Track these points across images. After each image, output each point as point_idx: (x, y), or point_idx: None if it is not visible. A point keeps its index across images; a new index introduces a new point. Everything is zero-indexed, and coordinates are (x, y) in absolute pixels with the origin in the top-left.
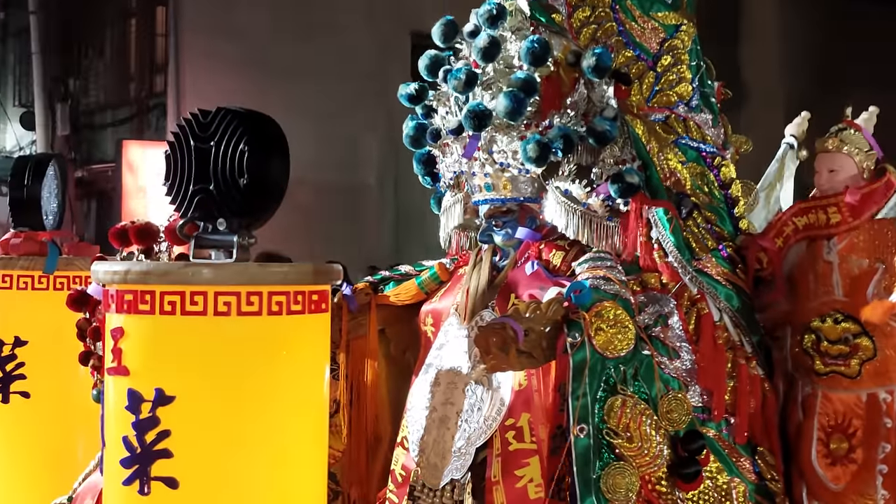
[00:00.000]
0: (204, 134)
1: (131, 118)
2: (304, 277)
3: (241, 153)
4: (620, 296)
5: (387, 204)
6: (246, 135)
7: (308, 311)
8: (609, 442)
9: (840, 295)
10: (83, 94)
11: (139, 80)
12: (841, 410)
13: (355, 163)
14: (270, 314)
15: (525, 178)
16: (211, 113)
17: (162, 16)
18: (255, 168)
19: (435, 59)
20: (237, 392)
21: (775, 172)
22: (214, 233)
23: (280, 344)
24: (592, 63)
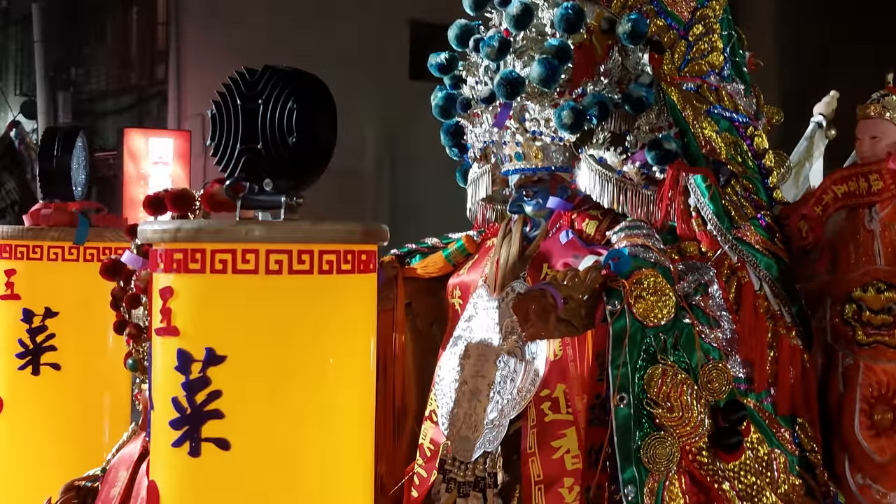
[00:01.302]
0: (250, 93)
1: (132, 106)
2: (354, 237)
3: (289, 112)
4: (660, 263)
5: (383, 190)
6: (294, 94)
7: (357, 270)
8: (649, 412)
9: (882, 264)
10: (85, 83)
11: (140, 68)
12: (885, 381)
13: (353, 149)
14: (321, 273)
15: (557, 146)
16: (258, 72)
17: (163, 4)
18: (303, 127)
19: (465, 28)
20: (288, 351)
21: (804, 150)
22: (261, 193)
23: (330, 303)
24: (628, 29)
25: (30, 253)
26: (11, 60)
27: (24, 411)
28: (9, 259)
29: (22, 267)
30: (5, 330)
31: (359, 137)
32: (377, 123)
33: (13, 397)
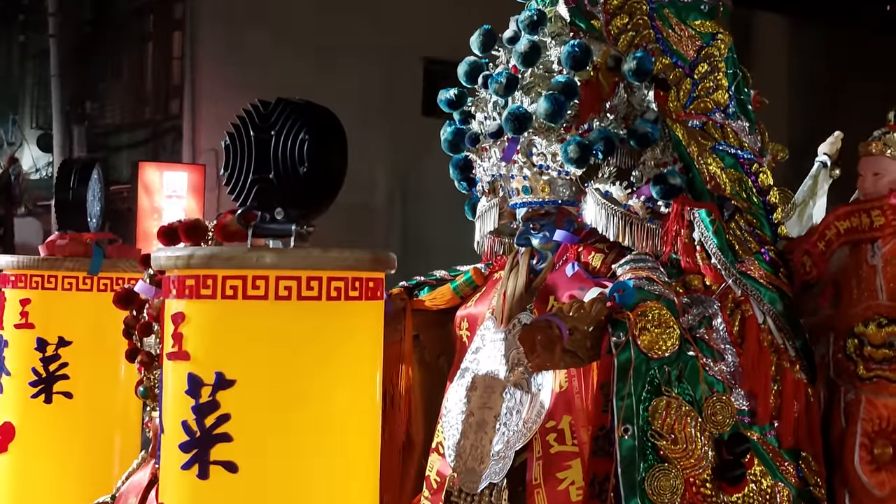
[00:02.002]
0: (264, 124)
1: (147, 140)
2: (362, 264)
3: (301, 143)
4: (664, 296)
5: (394, 224)
6: (306, 125)
7: (365, 297)
8: (654, 443)
9: (884, 299)
10: (100, 116)
11: (155, 102)
12: (885, 416)
13: (365, 184)
14: (329, 299)
15: (563, 180)
16: (271, 104)
17: (178, 39)
18: (314, 157)
19: (474, 65)
20: (295, 376)
21: (809, 189)
22: (272, 222)
23: (337, 329)
24: (633, 66)
25: (44, 283)
26: (28, 94)
27: (36, 439)
28: (24, 288)
29: (37, 296)
30: (19, 358)
31: (370, 172)
32: (389, 158)
33: (25, 425)
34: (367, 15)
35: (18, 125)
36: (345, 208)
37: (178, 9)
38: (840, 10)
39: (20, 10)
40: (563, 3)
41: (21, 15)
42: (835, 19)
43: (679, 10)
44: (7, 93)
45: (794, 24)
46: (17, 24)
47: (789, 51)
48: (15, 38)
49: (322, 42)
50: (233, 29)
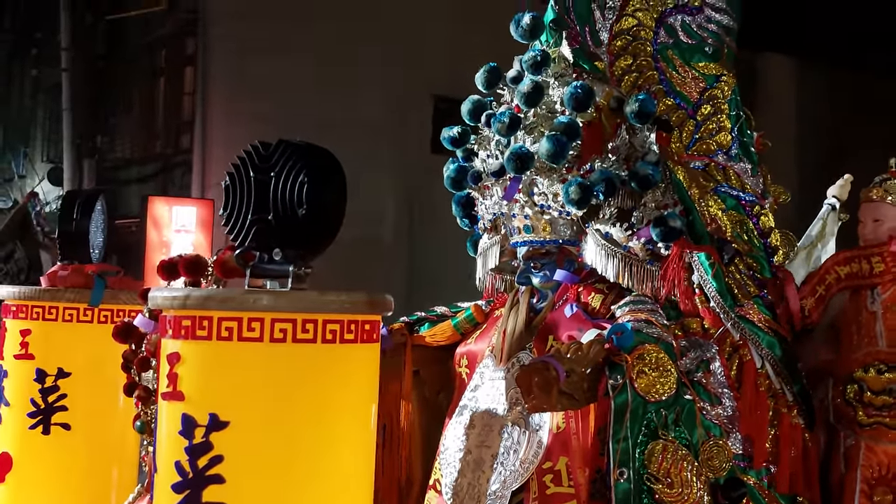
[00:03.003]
0: (263, 165)
1: (157, 174)
2: (358, 307)
3: (300, 184)
4: (663, 339)
5: (401, 259)
6: (305, 167)
7: (360, 340)
8: (649, 487)
9: (884, 346)
10: (110, 150)
11: (165, 136)
12: (885, 462)
13: (372, 219)
14: (324, 342)
15: (564, 220)
16: (272, 145)
17: (190, 74)
18: (313, 199)
19: (477, 104)
20: (289, 419)
21: (817, 232)
22: (270, 262)
23: (332, 372)
24: (636, 108)
25: (45, 314)
26: (40, 128)
27: (34, 470)
28: (25, 319)
29: (37, 327)
30: (18, 389)
31: (379, 206)
32: (398, 193)
33: (23, 456)
34: (379, 51)
35: (30, 158)
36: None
37: (189, 44)
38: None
39: (33, 44)
40: (566, 43)
41: (34, 49)
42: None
43: (683, 52)
44: (19, 126)
45: (800, 66)
46: (30, 58)
47: (795, 93)
48: (28, 72)
49: (334, 78)
50: (244, 64)
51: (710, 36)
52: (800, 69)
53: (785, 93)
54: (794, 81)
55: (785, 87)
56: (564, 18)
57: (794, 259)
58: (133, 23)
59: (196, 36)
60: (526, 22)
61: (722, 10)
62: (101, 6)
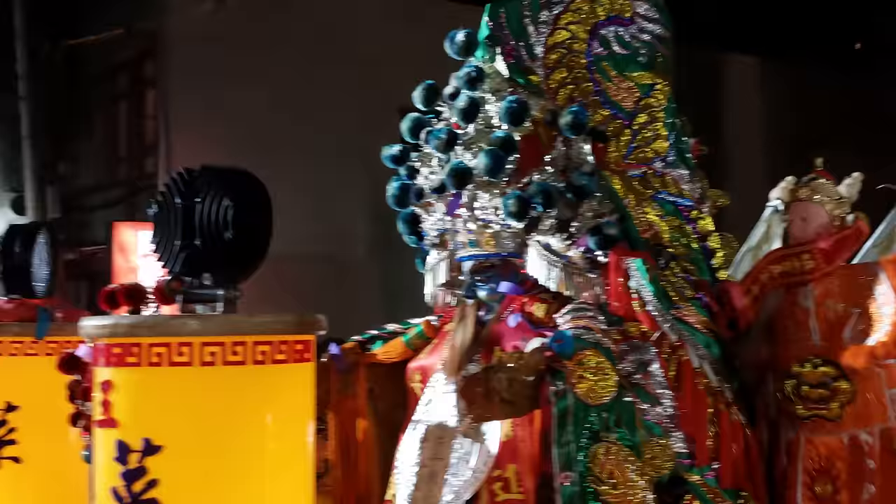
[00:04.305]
0: (189, 191)
1: (122, 200)
2: (288, 327)
3: (225, 208)
4: (602, 344)
5: (376, 277)
6: (230, 191)
7: (292, 360)
8: (594, 489)
9: (818, 340)
10: (74, 177)
11: (129, 161)
12: (824, 454)
13: (345, 236)
14: (255, 364)
15: (507, 233)
16: (196, 171)
17: (152, 98)
18: (239, 222)
19: (417, 122)
20: (223, 441)
21: (762, 234)
22: (201, 288)
23: (265, 393)
24: (569, 120)
25: None
26: (0, 157)
27: None
28: None
29: None
30: None
31: (350, 225)
32: (368, 209)
33: None
34: (344, 72)
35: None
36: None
37: (149, 68)
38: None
39: None
40: (501, 59)
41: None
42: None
43: (617, 63)
44: None
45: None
46: None
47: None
48: None
49: (296, 96)
50: (206, 85)
51: (644, 46)
52: (763, 69)
53: (749, 92)
54: (758, 81)
55: (749, 86)
56: (498, 34)
57: (740, 262)
58: (91, 48)
59: (156, 59)
60: (460, 39)
61: (654, 20)
62: (57, 33)
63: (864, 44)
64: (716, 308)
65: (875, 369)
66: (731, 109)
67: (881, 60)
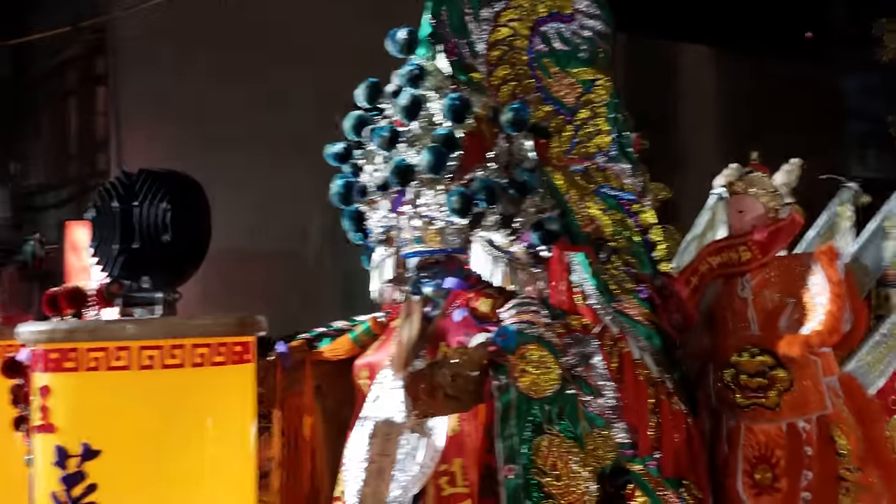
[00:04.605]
0: (127, 195)
1: (73, 198)
2: (227, 329)
3: (163, 212)
4: (544, 338)
5: (331, 274)
6: (167, 194)
7: (231, 362)
8: (538, 481)
9: (755, 330)
10: (24, 177)
11: (80, 159)
12: (763, 441)
13: (299, 234)
14: (194, 366)
15: (452, 229)
16: (133, 175)
17: (102, 95)
18: (177, 225)
19: (360, 119)
20: (163, 444)
21: (707, 222)
22: (140, 291)
23: (204, 395)
24: (510, 118)
25: None
26: None
27: None
28: None
29: None
30: None
31: (304, 222)
32: (323, 207)
33: None
34: (297, 63)
35: None
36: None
37: (99, 64)
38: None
39: None
40: (443, 56)
41: None
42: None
43: (558, 59)
44: None
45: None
46: None
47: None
48: None
49: (249, 92)
50: (158, 82)
51: (584, 42)
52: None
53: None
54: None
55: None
56: (440, 32)
57: (686, 250)
58: (39, 45)
59: (105, 56)
60: (401, 37)
61: (595, 17)
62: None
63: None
64: (658, 300)
65: (811, 358)
66: (687, 99)
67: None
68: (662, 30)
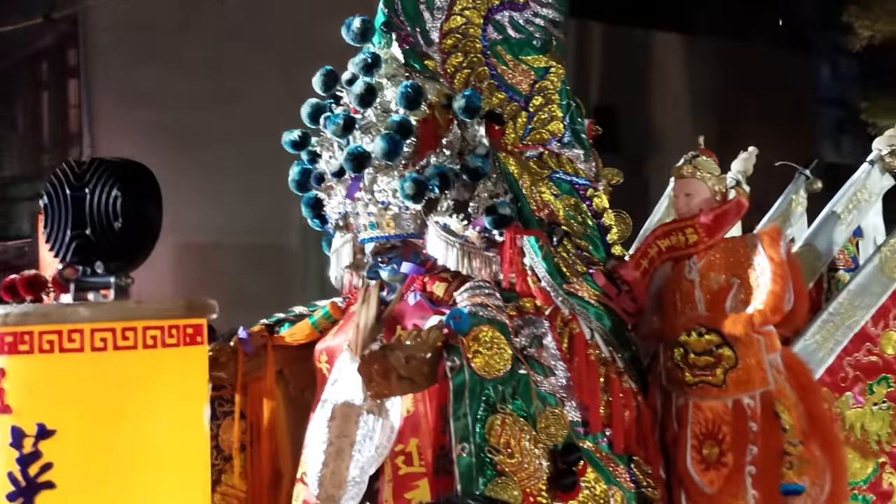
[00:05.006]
0: (79, 182)
1: None
2: (178, 312)
3: (114, 198)
4: (497, 320)
5: (309, 265)
6: (119, 181)
7: (183, 343)
8: (491, 459)
9: (703, 310)
10: None
11: (53, 151)
12: (711, 418)
13: (275, 225)
14: (146, 348)
15: (407, 215)
16: (85, 163)
17: (74, 87)
18: (128, 212)
19: (316, 107)
20: (116, 424)
21: (665, 208)
22: (93, 276)
23: (156, 376)
24: (462, 104)
25: None
26: None
27: None
28: None
29: None
30: None
31: (281, 213)
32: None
33: None
34: (269, 53)
35: None
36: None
37: (71, 56)
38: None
39: None
40: (397, 45)
41: None
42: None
43: (512, 47)
44: None
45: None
46: None
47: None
48: None
49: (223, 83)
50: (129, 73)
51: (538, 30)
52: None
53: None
54: (684, 58)
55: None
56: (394, 20)
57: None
58: (11, 37)
59: (77, 47)
60: (356, 26)
61: (547, 5)
62: None
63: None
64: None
65: (754, 336)
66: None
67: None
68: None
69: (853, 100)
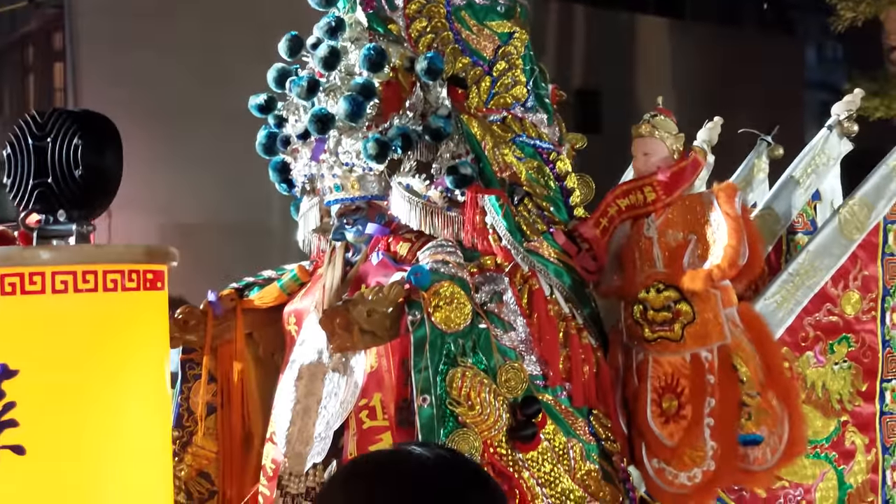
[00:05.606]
0: (41, 133)
1: None
2: (138, 257)
3: (75, 147)
4: (457, 276)
5: (292, 245)
6: (79, 131)
7: (143, 288)
8: (452, 410)
9: (661, 267)
10: None
11: None
12: (669, 372)
13: (260, 205)
14: (106, 290)
15: (372, 176)
16: (46, 113)
17: (60, 71)
18: (89, 160)
19: (282, 71)
20: (77, 364)
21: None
22: (56, 224)
23: (116, 318)
24: (425, 66)
25: None
26: None
27: None
28: None
29: None
30: None
31: (266, 193)
32: None
33: None
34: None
35: None
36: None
37: (57, 39)
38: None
39: None
40: (360, 9)
41: None
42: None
43: (476, 12)
44: None
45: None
46: None
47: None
48: None
49: (209, 61)
50: (115, 55)
51: None
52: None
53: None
54: (669, 41)
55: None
56: None
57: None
58: None
59: (63, 31)
60: None
61: None
62: None
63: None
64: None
65: (711, 291)
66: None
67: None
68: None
69: (837, 82)
